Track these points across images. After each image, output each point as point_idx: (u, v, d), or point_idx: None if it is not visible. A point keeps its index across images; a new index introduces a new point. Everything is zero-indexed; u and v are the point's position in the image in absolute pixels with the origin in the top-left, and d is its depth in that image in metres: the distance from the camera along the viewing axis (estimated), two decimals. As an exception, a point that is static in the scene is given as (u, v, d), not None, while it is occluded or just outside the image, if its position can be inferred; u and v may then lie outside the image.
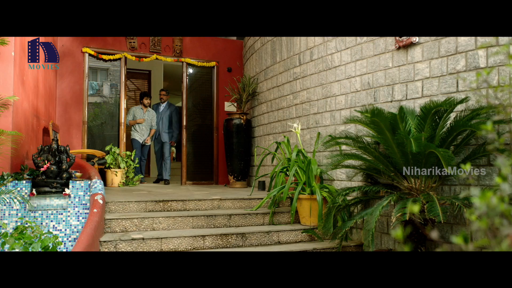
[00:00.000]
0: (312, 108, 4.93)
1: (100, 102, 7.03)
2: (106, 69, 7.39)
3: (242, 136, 6.44)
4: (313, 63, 4.93)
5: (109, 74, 7.42)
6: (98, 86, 7.02)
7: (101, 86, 7.18)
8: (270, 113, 6.02)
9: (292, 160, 4.10)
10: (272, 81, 5.96)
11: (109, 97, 7.09)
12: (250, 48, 7.01)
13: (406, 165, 3.06)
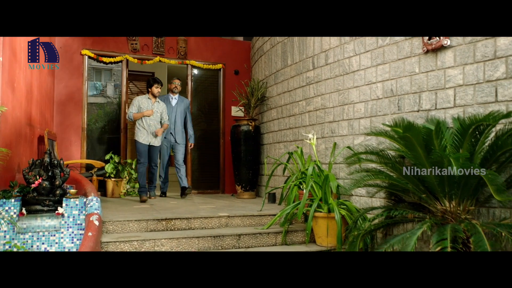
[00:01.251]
0: (327, 116, 4.60)
1: (104, 103, 6.71)
2: (110, 69, 7.13)
3: (250, 144, 6.11)
4: (329, 67, 4.59)
5: (113, 74, 7.14)
6: (102, 86, 6.72)
7: (105, 86, 6.87)
8: (280, 120, 5.69)
9: (308, 175, 3.77)
10: (283, 86, 5.63)
11: (113, 98, 6.76)
12: (258, 50, 6.68)
13: (440, 186, 2.72)
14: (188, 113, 6.31)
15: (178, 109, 6.18)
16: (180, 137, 6.18)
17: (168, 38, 6.83)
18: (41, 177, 3.60)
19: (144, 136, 5.60)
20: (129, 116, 5.65)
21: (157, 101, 5.77)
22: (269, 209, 4.61)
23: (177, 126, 6.18)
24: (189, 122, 6.29)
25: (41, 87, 5.13)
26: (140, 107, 5.62)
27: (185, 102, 6.30)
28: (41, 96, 5.09)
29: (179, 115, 6.19)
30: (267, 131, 6.18)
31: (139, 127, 5.62)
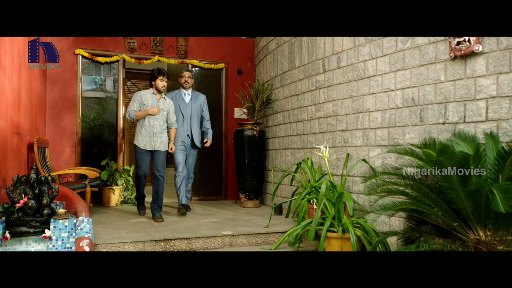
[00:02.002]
0: (339, 123, 4.27)
1: (103, 98, 6.37)
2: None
3: (255, 150, 5.79)
4: (341, 70, 4.26)
5: (113, 68, 6.80)
6: (101, 80, 6.39)
7: (104, 80, 6.55)
8: (287, 125, 5.36)
9: (321, 194, 3.45)
10: (290, 89, 5.30)
11: (112, 92, 6.40)
12: (263, 49, 6.35)
13: (476, 215, 2.41)
14: (206, 109, 5.50)
15: (194, 107, 5.35)
16: (198, 140, 5.38)
17: (167, 37, 6.48)
18: (27, 195, 3.29)
19: (146, 140, 4.66)
20: (130, 115, 4.69)
21: (163, 98, 4.83)
22: (276, 224, 4.30)
23: (194, 126, 5.35)
24: (206, 119, 5.48)
25: (31, 91, 4.81)
26: (142, 103, 4.71)
27: (201, 97, 5.47)
28: (30, 101, 4.78)
29: (195, 114, 5.36)
30: (272, 136, 5.86)
31: (140, 128, 4.71)
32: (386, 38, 3.69)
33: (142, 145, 4.68)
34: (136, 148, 4.74)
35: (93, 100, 6.33)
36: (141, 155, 4.71)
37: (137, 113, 4.69)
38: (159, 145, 4.72)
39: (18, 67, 4.21)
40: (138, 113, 4.69)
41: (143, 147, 4.68)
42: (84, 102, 6.19)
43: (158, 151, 4.75)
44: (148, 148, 4.68)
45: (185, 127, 5.28)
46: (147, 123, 4.68)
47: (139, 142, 4.70)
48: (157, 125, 4.71)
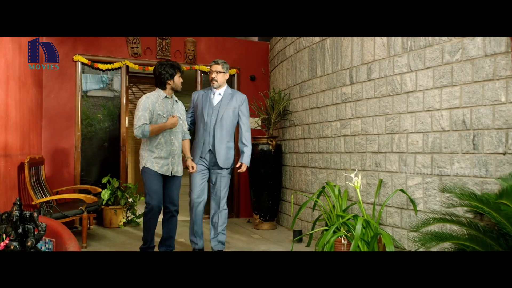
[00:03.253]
0: (370, 144, 3.77)
1: (111, 97, 5.90)
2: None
3: (270, 166, 5.30)
4: (372, 83, 3.75)
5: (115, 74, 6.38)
6: (108, 79, 5.93)
7: (111, 79, 6.09)
8: (307, 141, 4.86)
9: (356, 236, 2.94)
10: (311, 100, 4.79)
11: (119, 92, 5.94)
12: (279, 54, 5.84)
13: None
14: (244, 115, 3.99)
15: (223, 111, 3.89)
16: (224, 158, 3.87)
17: (174, 41, 6.02)
18: (9, 236, 2.83)
19: (162, 162, 3.62)
20: (144, 131, 3.49)
21: (175, 101, 3.85)
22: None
23: (219, 138, 3.87)
24: (244, 129, 3.98)
25: (23, 105, 4.36)
26: (156, 113, 3.61)
27: (238, 98, 3.98)
28: (22, 116, 4.33)
29: (224, 121, 3.89)
30: (290, 150, 5.36)
31: (152, 147, 3.61)
32: (429, 48, 3.17)
33: (158, 167, 3.61)
34: (147, 172, 3.61)
35: (100, 99, 5.88)
36: (155, 180, 3.60)
37: (154, 127, 3.54)
38: (177, 169, 3.76)
39: (5, 80, 3.77)
40: (154, 127, 3.54)
41: (158, 169, 3.61)
42: (90, 102, 5.76)
43: (176, 177, 3.78)
44: (164, 172, 3.64)
45: (206, 139, 3.88)
46: (163, 140, 3.64)
47: (152, 165, 3.60)
48: (176, 141, 3.74)
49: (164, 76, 3.71)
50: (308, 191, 4.80)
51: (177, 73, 3.76)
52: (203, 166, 3.93)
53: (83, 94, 5.67)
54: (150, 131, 3.53)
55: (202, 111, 3.94)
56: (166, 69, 3.70)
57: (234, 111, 3.95)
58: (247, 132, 3.99)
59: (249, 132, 4.01)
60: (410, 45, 3.35)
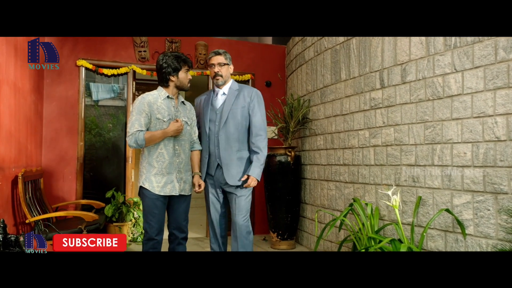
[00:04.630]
0: (405, 156, 3.33)
1: (122, 106, 5.56)
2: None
3: (289, 179, 4.88)
4: (407, 86, 3.33)
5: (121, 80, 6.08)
6: (119, 89, 5.60)
7: (122, 89, 5.78)
8: (330, 151, 4.43)
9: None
10: (334, 107, 4.37)
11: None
12: (297, 57, 5.45)
13: None
14: (256, 113, 3.23)
15: (231, 113, 3.20)
16: (235, 172, 3.17)
17: (184, 44, 5.67)
18: (-10, 264, 2.46)
19: (165, 179, 2.95)
20: (137, 140, 2.85)
21: (181, 103, 3.14)
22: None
23: (225, 148, 3.18)
24: (254, 132, 3.21)
25: (19, 112, 4.03)
26: (155, 117, 2.94)
27: (246, 93, 3.27)
28: (18, 125, 4.00)
29: (232, 125, 3.19)
30: (310, 162, 4.94)
31: (152, 160, 2.95)
32: (479, 44, 2.75)
33: (158, 189, 2.92)
34: (147, 193, 2.93)
35: (111, 108, 5.55)
36: (155, 205, 2.93)
37: (149, 135, 2.88)
38: (184, 187, 3.05)
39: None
40: (150, 134, 2.89)
41: (159, 192, 2.92)
42: (100, 112, 5.43)
43: (183, 197, 3.08)
44: (168, 193, 2.96)
45: (212, 151, 3.21)
46: (164, 151, 2.96)
47: (152, 184, 2.93)
48: (182, 152, 3.05)
49: (166, 71, 2.99)
50: (331, 207, 4.36)
51: (183, 67, 3.04)
52: (211, 187, 3.25)
53: (94, 103, 5.37)
54: (145, 140, 2.86)
55: (204, 118, 3.28)
56: (168, 62, 2.99)
57: (243, 111, 3.20)
58: (258, 135, 3.18)
59: (262, 135, 3.19)
60: (454, 41, 2.93)
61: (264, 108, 3.31)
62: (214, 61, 3.25)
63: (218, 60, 3.26)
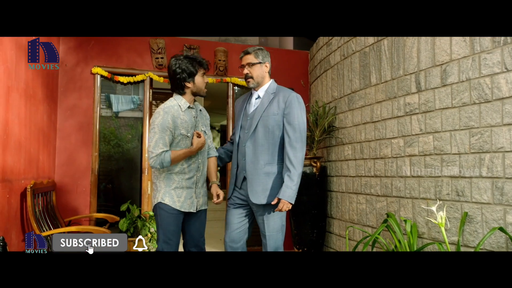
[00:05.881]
0: (447, 166, 3.00)
1: (141, 117, 5.36)
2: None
3: (314, 192, 4.58)
4: (448, 89, 3.01)
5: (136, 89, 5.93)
6: (139, 100, 5.43)
7: (142, 100, 5.61)
8: (359, 162, 4.12)
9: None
10: (363, 113, 4.07)
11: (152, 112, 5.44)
12: (321, 62, 5.18)
13: None
14: (290, 122, 2.77)
15: (261, 120, 2.82)
16: (260, 189, 2.78)
17: (203, 50, 5.46)
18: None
19: (184, 193, 2.73)
20: (163, 162, 2.61)
21: (198, 110, 2.90)
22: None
23: (251, 161, 2.82)
24: (287, 145, 2.75)
25: (30, 122, 3.86)
26: (180, 133, 2.69)
27: (282, 97, 2.83)
28: (29, 134, 3.82)
29: (260, 134, 2.81)
30: (337, 173, 4.63)
31: (169, 173, 2.73)
32: (536, 39, 2.43)
33: (179, 204, 2.71)
34: (167, 209, 2.68)
35: (131, 120, 5.38)
36: (175, 222, 2.70)
37: (175, 155, 2.65)
38: (203, 202, 2.87)
39: (4, 92, 3.26)
40: (176, 155, 2.66)
41: (179, 207, 2.71)
42: (120, 123, 5.29)
43: (201, 212, 2.86)
44: (187, 209, 2.74)
45: (240, 162, 2.90)
46: (186, 165, 2.74)
47: (173, 199, 2.69)
48: (202, 165, 2.84)
49: (180, 76, 2.72)
50: (361, 222, 4.04)
51: (199, 70, 2.76)
52: (240, 200, 2.92)
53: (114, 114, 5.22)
54: (172, 161, 2.64)
55: (236, 123, 3.02)
56: (182, 66, 2.71)
57: (276, 118, 2.79)
58: (293, 148, 2.72)
59: (298, 149, 2.73)
60: (504, 37, 2.61)
61: (304, 115, 2.85)
62: (243, 62, 2.97)
63: (247, 60, 2.93)
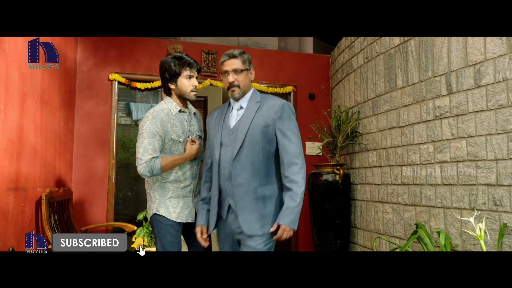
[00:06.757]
0: (483, 174, 2.80)
1: None
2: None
3: (337, 201, 4.40)
4: (483, 90, 2.82)
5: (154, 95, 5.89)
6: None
7: None
8: (385, 169, 3.93)
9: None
10: (389, 118, 3.89)
11: None
12: (343, 66, 5.02)
13: None
14: (284, 134, 2.31)
15: (249, 134, 2.32)
16: (254, 218, 2.28)
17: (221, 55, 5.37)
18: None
19: (181, 201, 2.57)
20: (152, 169, 2.42)
21: (192, 113, 2.71)
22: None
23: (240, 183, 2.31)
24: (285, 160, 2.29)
25: (46, 129, 3.80)
26: (170, 138, 2.51)
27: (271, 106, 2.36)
28: (44, 142, 3.76)
29: (250, 150, 2.31)
30: (361, 181, 4.44)
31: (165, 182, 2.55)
32: None
33: (175, 215, 2.52)
34: (163, 221, 2.51)
35: None
36: (173, 235, 2.52)
37: (166, 162, 2.46)
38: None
39: (20, 97, 3.20)
40: (167, 162, 2.47)
41: (176, 218, 2.52)
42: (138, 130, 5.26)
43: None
44: (185, 219, 2.56)
45: (223, 186, 2.36)
46: (180, 173, 2.57)
47: (168, 210, 2.52)
48: (198, 171, 2.67)
49: (163, 77, 2.57)
50: (387, 233, 3.84)
51: (182, 71, 2.50)
52: (228, 233, 2.40)
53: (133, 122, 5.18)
54: (162, 168, 2.44)
55: (214, 140, 2.42)
56: (166, 66, 2.54)
57: (266, 130, 2.30)
58: (293, 165, 2.26)
59: (298, 164, 2.26)
60: (546, 33, 2.42)
61: (297, 125, 2.38)
62: (227, 67, 2.39)
63: (232, 65, 2.38)
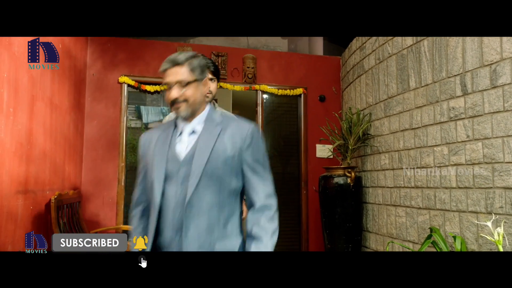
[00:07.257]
0: (500, 176, 2.73)
1: None
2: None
3: (349, 204, 4.33)
4: (499, 91, 2.75)
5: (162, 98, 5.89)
6: (169, 111, 5.36)
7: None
8: (398, 172, 3.86)
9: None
10: (402, 120, 3.83)
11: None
12: (354, 68, 4.96)
13: None
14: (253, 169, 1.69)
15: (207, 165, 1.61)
16: None
17: (231, 57, 5.35)
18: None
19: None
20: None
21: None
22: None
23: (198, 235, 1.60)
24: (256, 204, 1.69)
25: (55, 131, 3.80)
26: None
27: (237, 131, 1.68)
28: (54, 145, 3.76)
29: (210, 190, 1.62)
30: (372, 184, 4.37)
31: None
32: None
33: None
34: None
35: None
36: None
37: None
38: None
39: (29, 101, 3.20)
40: None
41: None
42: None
43: None
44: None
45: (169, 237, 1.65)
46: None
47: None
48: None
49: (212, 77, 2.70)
50: (401, 237, 3.77)
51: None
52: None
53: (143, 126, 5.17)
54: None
55: (154, 173, 1.67)
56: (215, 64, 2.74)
57: (232, 163, 1.66)
58: (266, 209, 1.70)
59: (272, 208, 1.71)
60: None
61: (266, 155, 1.76)
62: (170, 78, 1.66)
63: (177, 75, 1.65)
